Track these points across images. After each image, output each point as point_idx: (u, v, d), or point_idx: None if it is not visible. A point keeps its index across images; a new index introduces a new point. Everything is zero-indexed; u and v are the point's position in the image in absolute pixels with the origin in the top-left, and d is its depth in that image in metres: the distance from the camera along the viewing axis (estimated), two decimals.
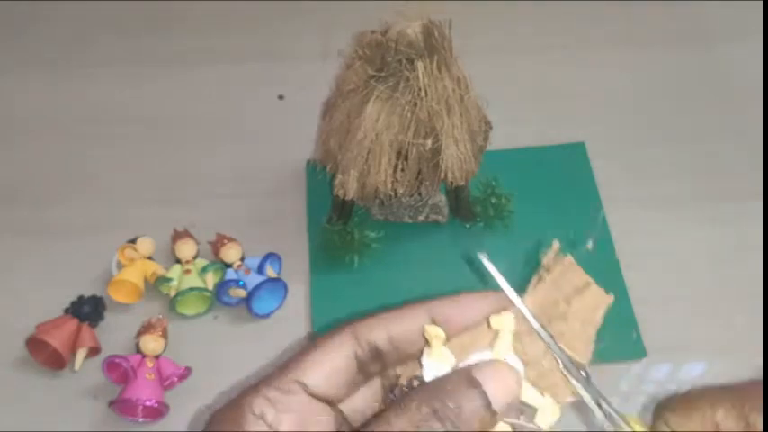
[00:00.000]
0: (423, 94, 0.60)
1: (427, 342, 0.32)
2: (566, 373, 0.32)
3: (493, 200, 0.76)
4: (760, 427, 0.30)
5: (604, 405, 0.32)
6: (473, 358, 0.31)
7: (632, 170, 0.83)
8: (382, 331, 0.32)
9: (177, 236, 0.77)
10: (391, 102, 0.60)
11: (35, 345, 0.71)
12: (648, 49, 0.94)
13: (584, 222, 0.79)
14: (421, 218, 0.77)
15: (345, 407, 0.33)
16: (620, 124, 0.87)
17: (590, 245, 0.36)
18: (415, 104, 0.60)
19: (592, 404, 0.32)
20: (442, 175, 0.64)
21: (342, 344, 0.32)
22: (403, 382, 0.32)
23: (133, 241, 0.77)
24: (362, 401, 0.34)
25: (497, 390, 0.29)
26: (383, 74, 0.60)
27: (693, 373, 0.71)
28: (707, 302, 0.75)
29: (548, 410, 0.31)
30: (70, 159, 0.86)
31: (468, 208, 0.76)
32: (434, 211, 0.77)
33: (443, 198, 0.76)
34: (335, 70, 0.78)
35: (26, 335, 0.71)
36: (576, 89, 0.91)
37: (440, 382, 0.30)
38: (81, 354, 0.71)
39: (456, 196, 0.74)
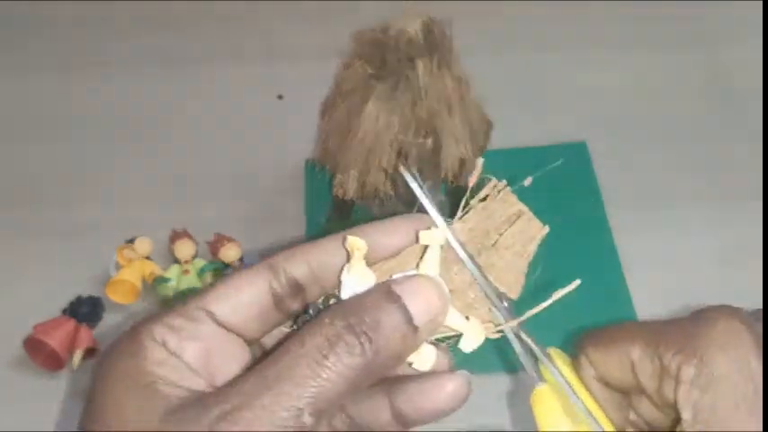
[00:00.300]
0: (423, 93, 0.59)
1: (348, 257, 0.29)
2: (491, 305, 0.30)
3: None
4: (674, 366, 0.29)
5: (526, 339, 0.31)
6: (396, 277, 0.29)
7: (633, 170, 0.83)
8: (302, 263, 0.29)
9: (176, 236, 0.77)
10: (391, 101, 0.60)
11: (33, 345, 0.71)
12: (649, 49, 0.94)
13: (586, 222, 0.79)
14: None
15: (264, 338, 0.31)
16: (621, 124, 0.87)
17: (528, 180, 0.35)
18: (415, 104, 0.60)
19: (512, 338, 0.31)
20: (443, 174, 0.63)
21: (256, 275, 0.29)
22: (318, 301, 0.30)
23: (131, 241, 0.76)
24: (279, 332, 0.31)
25: (419, 304, 0.27)
26: (383, 73, 0.59)
27: None
28: (707, 302, 0.74)
29: (472, 334, 0.29)
30: (70, 159, 0.86)
31: None
32: None
33: (443, 198, 0.76)
34: (335, 70, 0.78)
35: (24, 335, 0.71)
36: (577, 89, 0.90)
37: (357, 297, 0.28)
38: (79, 354, 0.70)
39: (456, 196, 0.74)
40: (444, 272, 0.29)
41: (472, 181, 0.33)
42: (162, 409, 0.25)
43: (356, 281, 0.28)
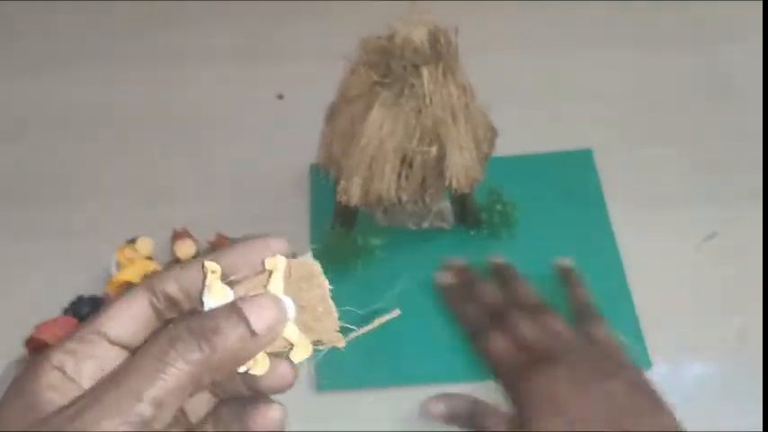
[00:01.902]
0: (428, 100, 0.59)
1: (204, 277, 0.33)
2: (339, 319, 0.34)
3: (498, 207, 0.75)
4: None
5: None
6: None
7: (636, 173, 0.83)
8: (173, 281, 0.34)
9: (176, 236, 0.77)
10: (396, 108, 0.60)
11: (35, 345, 0.71)
12: (649, 49, 0.94)
13: (591, 230, 0.78)
14: (425, 224, 0.77)
15: None
16: (627, 131, 0.87)
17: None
18: (420, 111, 0.60)
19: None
20: (447, 182, 0.63)
21: (137, 295, 0.33)
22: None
23: (133, 241, 0.76)
24: None
25: (258, 313, 0.31)
26: (388, 80, 0.59)
27: (695, 373, 0.71)
28: (709, 303, 0.75)
29: (301, 348, 0.33)
30: (70, 159, 0.86)
31: (473, 215, 0.76)
32: (439, 217, 0.76)
33: (448, 204, 0.76)
34: (336, 70, 0.78)
35: (26, 335, 0.71)
36: (582, 94, 0.90)
37: (205, 312, 0.32)
38: None
39: (461, 204, 0.74)
40: (296, 290, 0.34)
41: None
42: (33, 420, 0.29)
43: (214, 299, 0.33)
